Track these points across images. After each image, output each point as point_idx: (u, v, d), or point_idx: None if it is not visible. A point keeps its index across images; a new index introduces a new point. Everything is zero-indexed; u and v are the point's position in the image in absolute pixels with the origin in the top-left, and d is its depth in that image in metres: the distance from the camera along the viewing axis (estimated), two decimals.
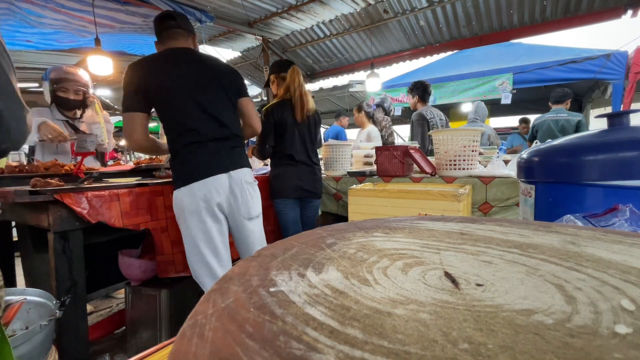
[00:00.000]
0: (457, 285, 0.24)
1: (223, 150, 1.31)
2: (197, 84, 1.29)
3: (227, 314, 0.20)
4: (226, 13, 3.77)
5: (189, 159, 1.27)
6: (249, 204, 1.36)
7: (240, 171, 1.34)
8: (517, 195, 1.68)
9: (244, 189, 1.34)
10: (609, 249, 0.30)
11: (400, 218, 0.45)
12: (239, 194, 1.33)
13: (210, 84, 1.32)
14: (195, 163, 1.26)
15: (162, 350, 0.40)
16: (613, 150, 0.75)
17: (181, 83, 1.26)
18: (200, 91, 1.29)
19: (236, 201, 1.33)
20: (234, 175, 1.31)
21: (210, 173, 1.26)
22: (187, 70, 1.29)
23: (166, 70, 1.26)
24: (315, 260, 0.30)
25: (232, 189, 1.31)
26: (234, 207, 1.33)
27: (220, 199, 1.28)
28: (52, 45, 3.89)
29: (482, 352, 0.15)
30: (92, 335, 1.66)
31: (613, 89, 3.65)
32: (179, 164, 1.28)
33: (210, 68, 1.34)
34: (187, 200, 1.24)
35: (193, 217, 1.25)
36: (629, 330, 0.17)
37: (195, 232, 1.26)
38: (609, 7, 3.42)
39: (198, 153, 1.27)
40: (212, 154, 1.28)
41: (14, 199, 1.10)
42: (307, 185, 1.86)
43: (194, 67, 1.30)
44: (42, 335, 0.95)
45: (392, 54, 4.90)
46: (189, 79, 1.28)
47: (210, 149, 1.28)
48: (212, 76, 1.33)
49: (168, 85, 1.25)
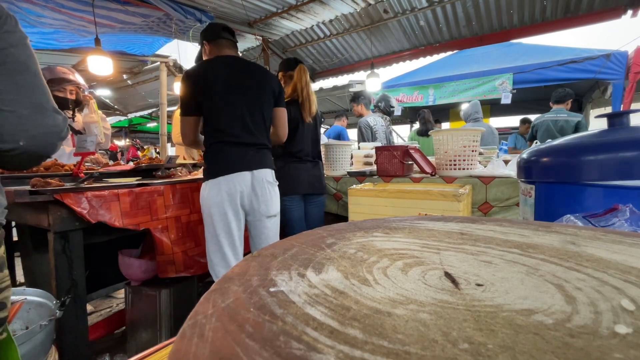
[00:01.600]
0: (457, 285, 0.24)
1: (250, 150, 1.41)
2: (236, 88, 1.40)
3: (227, 314, 0.20)
4: (226, 13, 3.77)
5: (218, 156, 1.38)
6: (268, 202, 1.44)
7: (263, 171, 1.43)
8: (517, 195, 1.68)
9: (265, 188, 1.43)
10: (609, 249, 0.30)
11: (400, 218, 0.45)
12: (260, 192, 1.41)
13: (248, 89, 1.42)
14: (224, 160, 1.37)
15: (162, 350, 0.40)
16: (613, 150, 0.75)
17: (221, 87, 1.37)
18: (238, 96, 1.40)
19: (257, 198, 1.41)
20: (256, 174, 1.40)
21: (235, 169, 1.36)
22: (228, 76, 1.40)
23: (212, 76, 1.38)
24: (315, 260, 0.30)
25: (254, 186, 1.40)
26: (254, 203, 1.42)
27: (243, 195, 1.38)
28: (51, 45, 3.89)
29: (482, 352, 0.15)
30: (92, 335, 1.65)
31: (613, 89, 3.64)
32: (209, 158, 1.40)
33: (250, 73, 1.45)
34: (213, 193, 1.34)
35: (216, 209, 1.35)
36: (629, 330, 0.17)
37: (217, 222, 1.35)
38: (609, 7, 3.42)
39: (226, 151, 1.38)
40: (239, 152, 1.38)
41: (14, 199, 1.10)
42: (314, 182, 1.89)
43: (235, 73, 1.41)
44: (42, 335, 0.95)
45: (392, 54, 4.90)
46: (229, 83, 1.39)
47: (237, 149, 1.39)
48: (252, 81, 1.44)
49: (210, 89, 1.37)
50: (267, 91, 1.48)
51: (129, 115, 8.03)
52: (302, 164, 1.85)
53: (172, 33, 3.81)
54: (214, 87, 1.37)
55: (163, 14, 3.36)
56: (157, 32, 3.81)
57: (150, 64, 5.23)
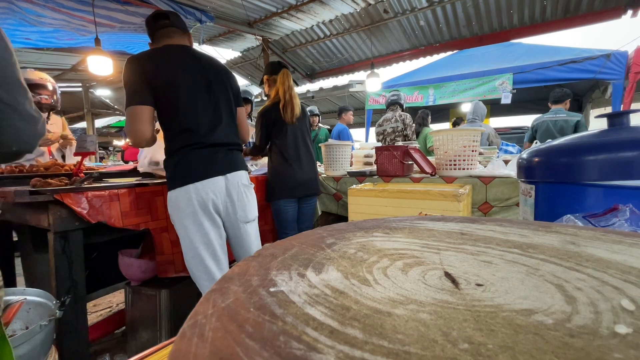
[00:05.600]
0: (457, 285, 0.24)
1: (220, 152, 1.27)
2: (199, 82, 1.25)
3: (227, 314, 0.20)
4: (226, 13, 3.77)
5: (185, 160, 1.22)
6: (246, 207, 1.33)
7: (237, 174, 1.31)
8: (517, 195, 1.68)
9: (241, 192, 1.31)
10: (609, 249, 0.30)
11: (400, 218, 0.45)
12: (236, 197, 1.30)
13: (211, 83, 1.28)
14: (192, 164, 1.22)
15: (162, 350, 0.40)
16: (613, 150, 0.75)
17: (182, 80, 1.22)
18: (201, 90, 1.26)
19: (233, 204, 1.30)
20: (230, 178, 1.28)
21: (206, 175, 1.22)
22: (187, 67, 1.24)
23: (167, 65, 1.21)
24: (315, 260, 0.30)
25: (229, 191, 1.28)
26: (230, 210, 1.30)
27: (217, 202, 1.25)
28: (51, 44, 3.89)
29: (482, 352, 0.15)
30: (92, 335, 1.66)
31: (613, 89, 3.65)
32: (174, 164, 1.23)
33: (210, 67, 1.30)
34: (183, 202, 1.20)
35: (189, 220, 1.21)
36: (629, 330, 0.17)
37: (192, 235, 1.22)
38: (609, 7, 3.42)
39: (195, 154, 1.23)
40: (210, 155, 1.25)
41: (14, 199, 1.10)
42: (307, 183, 1.90)
43: (195, 65, 1.26)
44: (42, 335, 0.95)
45: (392, 54, 4.90)
46: (190, 76, 1.24)
47: (207, 151, 1.25)
48: (213, 76, 1.30)
49: (169, 81, 1.20)
50: (230, 86, 1.35)
51: None
52: (292, 166, 1.85)
53: None
54: (171, 79, 1.20)
55: None
56: None
57: None
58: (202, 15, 3.43)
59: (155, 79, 1.18)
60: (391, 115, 3.32)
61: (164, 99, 1.21)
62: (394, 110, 3.34)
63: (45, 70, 4.78)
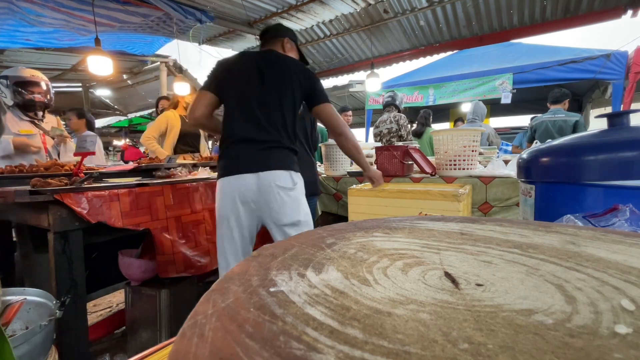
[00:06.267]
0: (457, 285, 0.24)
1: (255, 149, 1.26)
2: (252, 80, 1.29)
3: (227, 314, 0.20)
4: (226, 13, 3.77)
5: (224, 153, 1.30)
6: (280, 209, 1.26)
7: (272, 173, 1.25)
8: (517, 195, 1.68)
9: (274, 193, 1.25)
10: (609, 249, 0.30)
11: (400, 218, 0.45)
12: (268, 198, 1.25)
13: (267, 81, 1.29)
14: (226, 158, 1.29)
15: (162, 350, 0.40)
16: (613, 150, 0.75)
17: (238, 76, 1.30)
18: (252, 88, 1.29)
19: (268, 204, 1.26)
20: (262, 177, 1.24)
21: (235, 171, 1.25)
22: (248, 65, 1.31)
23: (236, 66, 1.33)
24: (315, 260, 0.30)
25: (261, 190, 1.25)
26: (265, 210, 1.27)
27: (246, 201, 1.25)
28: (51, 44, 3.89)
29: (482, 352, 0.15)
30: (92, 335, 1.65)
31: (613, 89, 3.65)
32: (220, 155, 1.33)
33: (273, 66, 1.31)
34: (218, 195, 1.28)
35: (219, 212, 1.29)
36: (629, 330, 0.17)
37: (219, 226, 1.29)
38: (609, 7, 3.42)
39: (230, 149, 1.29)
40: (241, 151, 1.27)
41: (14, 199, 1.10)
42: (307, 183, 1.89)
43: (256, 64, 1.31)
44: (42, 335, 0.95)
45: (392, 54, 4.90)
46: (247, 74, 1.30)
47: (240, 147, 1.27)
48: (274, 74, 1.30)
49: (226, 76, 1.31)
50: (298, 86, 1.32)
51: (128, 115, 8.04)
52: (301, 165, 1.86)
53: (172, 33, 3.81)
54: (229, 74, 1.31)
55: (163, 14, 3.36)
56: (157, 31, 3.82)
57: (150, 64, 5.23)
58: (202, 15, 3.43)
59: (221, 73, 1.33)
60: (387, 116, 3.32)
61: (223, 94, 1.32)
62: (390, 111, 3.35)
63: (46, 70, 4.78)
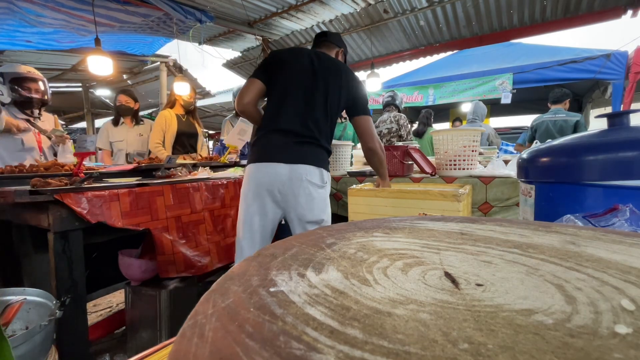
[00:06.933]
0: (457, 285, 0.24)
1: (293, 142, 1.27)
2: (304, 76, 1.32)
3: (227, 314, 0.20)
4: (226, 13, 3.77)
5: (258, 141, 1.31)
6: (307, 204, 1.26)
7: (304, 167, 1.25)
8: (517, 195, 1.68)
9: (304, 187, 1.25)
10: (609, 249, 0.30)
11: (400, 218, 0.45)
12: (297, 191, 1.25)
13: (318, 80, 1.32)
14: (260, 146, 1.30)
15: (162, 350, 0.40)
16: (613, 150, 0.75)
17: (289, 70, 1.33)
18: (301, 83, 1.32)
19: (295, 198, 1.26)
20: (295, 169, 1.24)
21: (267, 159, 1.26)
22: (303, 62, 1.34)
23: (290, 56, 1.36)
24: (315, 260, 0.30)
25: (291, 182, 1.25)
26: (291, 203, 1.27)
27: (274, 190, 1.25)
28: (51, 45, 3.89)
29: (482, 352, 0.15)
30: (92, 335, 1.65)
31: (613, 89, 3.65)
32: (253, 142, 1.35)
33: (326, 68, 1.35)
34: (245, 180, 1.31)
35: (244, 196, 1.31)
36: (629, 330, 0.17)
37: (241, 212, 1.31)
38: (609, 7, 3.41)
39: (266, 137, 1.30)
40: (279, 142, 1.27)
41: (14, 199, 1.10)
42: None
43: (312, 62, 1.34)
44: (42, 335, 0.95)
45: (392, 54, 4.89)
46: (299, 70, 1.33)
47: (277, 137, 1.28)
48: (325, 74, 1.33)
49: (279, 67, 1.33)
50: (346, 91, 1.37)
51: None
52: None
53: (172, 33, 3.81)
54: (281, 66, 1.33)
55: (163, 14, 3.36)
56: (157, 32, 3.81)
57: (150, 64, 5.23)
58: (202, 15, 3.43)
59: (273, 64, 1.35)
60: (387, 116, 3.32)
61: (271, 84, 1.34)
62: (390, 111, 3.35)
63: (45, 70, 4.77)
